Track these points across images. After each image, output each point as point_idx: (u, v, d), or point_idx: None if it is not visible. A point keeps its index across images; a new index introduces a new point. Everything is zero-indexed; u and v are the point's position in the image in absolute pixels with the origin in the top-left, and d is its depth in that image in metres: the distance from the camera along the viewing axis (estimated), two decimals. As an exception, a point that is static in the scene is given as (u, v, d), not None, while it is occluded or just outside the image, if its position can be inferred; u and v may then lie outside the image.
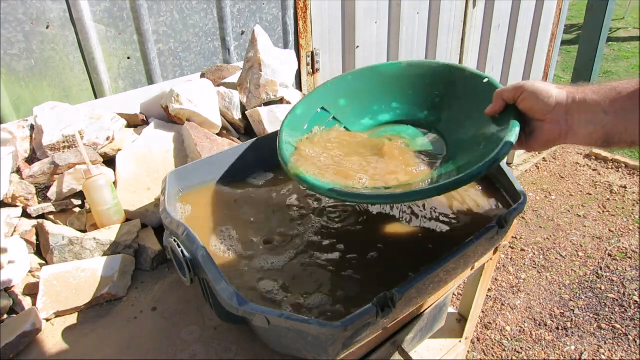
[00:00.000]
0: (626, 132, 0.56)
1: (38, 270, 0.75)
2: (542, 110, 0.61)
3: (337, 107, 0.82)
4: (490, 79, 0.73)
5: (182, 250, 0.58)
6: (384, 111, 0.82)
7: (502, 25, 2.53)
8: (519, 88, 0.63)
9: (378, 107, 0.82)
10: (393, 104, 0.82)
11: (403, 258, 0.68)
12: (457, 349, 1.14)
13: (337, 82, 0.83)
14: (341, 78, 0.84)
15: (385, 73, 0.82)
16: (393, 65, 0.82)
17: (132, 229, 0.81)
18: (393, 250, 0.70)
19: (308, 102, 0.81)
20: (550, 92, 0.61)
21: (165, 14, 1.28)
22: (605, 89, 0.58)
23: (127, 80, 1.28)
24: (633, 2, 5.82)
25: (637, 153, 3.05)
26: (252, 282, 0.64)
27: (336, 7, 1.72)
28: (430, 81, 0.79)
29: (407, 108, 0.81)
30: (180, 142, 1.01)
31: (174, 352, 0.64)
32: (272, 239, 0.72)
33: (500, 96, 0.66)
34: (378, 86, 0.82)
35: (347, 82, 0.83)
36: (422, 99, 0.80)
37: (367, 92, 0.83)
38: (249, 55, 1.12)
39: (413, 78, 0.81)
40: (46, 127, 0.89)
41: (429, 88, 0.80)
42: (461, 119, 0.75)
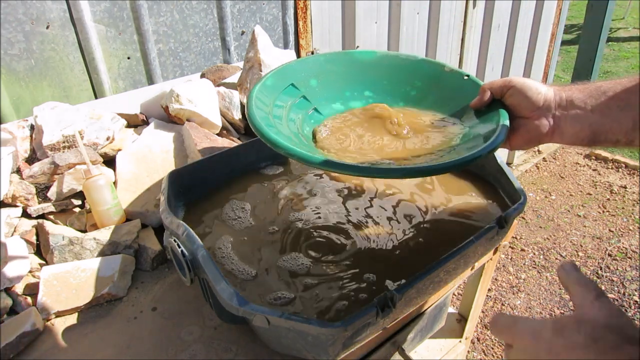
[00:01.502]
0: (611, 131, 0.56)
1: (38, 270, 0.75)
2: (529, 107, 0.60)
3: (307, 87, 0.79)
4: (470, 76, 0.73)
5: (182, 250, 0.58)
6: (355, 98, 0.81)
7: (502, 25, 2.53)
8: (507, 83, 0.63)
9: (350, 93, 0.81)
10: (366, 92, 0.81)
11: (403, 258, 0.68)
12: (457, 349, 1.14)
13: (309, 61, 0.81)
14: (313, 58, 0.82)
15: (359, 60, 0.81)
16: (368, 54, 0.82)
17: (132, 229, 0.81)
18: (393, 250, 0.70)
19: (279, 75, 0.78)
20: (538, 89, 0.60)
21: (165, 14, 1.28)
22: (591, 88, 0.58)
23: (127, 80, 1.28)
24: (633, 2, 5.82)
25: (637, 153, 3.05)
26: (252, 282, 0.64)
27: (336, 7, 1.72)
28: (407, 74, 0.79)
29: (380, 98, 0.79)
30: (180, 142, 1.01)
31: (174, 352, 0.64)
32: (273, 238, 0.72)
33: (486, 89, 0.66)
34: (351, 72, 0.81)
35: (319, 63, 0.81)
36: (397, 90, 0.80)
37: (340, 76, 0.81)
38: (249, 55, 1.12)
39: (389, 68, 0.80)
40: (46, 127, 0.89)
41: (404, 80, 0.79)
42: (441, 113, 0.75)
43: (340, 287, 0.63)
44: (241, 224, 0.76)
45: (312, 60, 0.81)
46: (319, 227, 0.75)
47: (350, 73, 0.81)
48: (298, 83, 0.78)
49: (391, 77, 0.80)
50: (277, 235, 0.73)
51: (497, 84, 0.64)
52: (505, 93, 0.63)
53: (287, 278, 0.65)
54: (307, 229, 0.74)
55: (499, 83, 0.64)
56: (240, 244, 0.71)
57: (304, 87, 0.79)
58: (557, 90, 0.60)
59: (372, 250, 0.69)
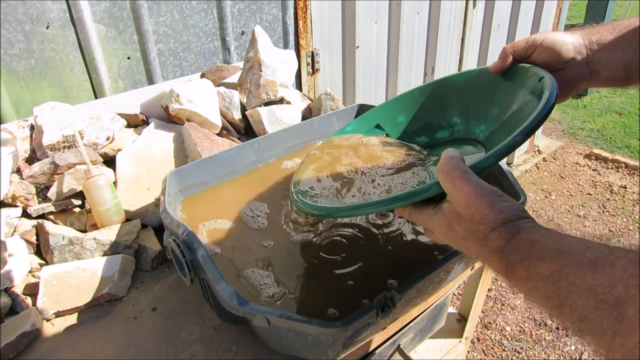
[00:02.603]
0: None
1: (38, 270, 0.75)
2: (561, 60, 0.58)
3: (393, 124, 0.77)
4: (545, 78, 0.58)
5: (182, 250, 0.58)
6: (443, 127, 0.74)
7: (502, 25, 2.53)
8: (532, 43, 0.60)
9: (437, 123, 0.75)
10: (454, 119, 0.73)
11: (403, 258, 0.68)
12: (457, 349, 1.14)
13: (401, 98, 0.78)
14: (407, 93, 0.78)
15: (453, 84, 0.73)
16: (462, 75, 0.72)
17: (132, 229, 0.81)
18: (393, 250, 0.70)
19: (365, 119, 0.79)
20: (565, 39, 0.58)
21: (165, 14, 1.28)
22: (620, 27, 0.57)
23: (127, 80, 1.28)
24: (633, 2, 5.83)
25: (637, 153, 3.05)
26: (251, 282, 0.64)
27: (336, 7, 1.72)
28: (494, 89, 0.67)
29: (466, 124, 0.72)
30: (180, 142, 1.01)
31: (174, 352, 0.64)
32: (274, 238, 0.72)
33: (509, 52, 0.62)
34: (442, 100, 0.74)
35: (411, 97, 0.77)
36: (482, 111, 0.69)
37: (430, 107, 0.76)
38: (249, 55, 1.12)
39: (480, 88, 0.69)
40: (46, 127, 0.89)
41: (491, 97, 0.67)
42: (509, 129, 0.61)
43: (340, 287, 0.63)
44: (241, 224, 0.76)
45: (404, 97, 0.78)
46: (319, 228, 0.75)
47: (441, 101, 0.75)
48: (384, 122, 0.78)
49: (480, 97, 0.69)
50: (277, 234, 0.73)
51: (520, 45, 0.61)
52: (532, 53, 0.60)
53: (287, 277, 0.65)
54: (307, 228, 0.74)
55: (521, 44, 0.61)
56: (240, 244, 0.71)
57: (390, 125, 0.78)
58: (584, 35, 0.58)
59: (373, 250, 0.69)
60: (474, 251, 0.44)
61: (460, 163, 0.45)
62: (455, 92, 0.73)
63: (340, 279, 0.64)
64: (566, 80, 0.59)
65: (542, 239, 0.38)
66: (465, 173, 0.44)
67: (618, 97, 4.01)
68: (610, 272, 0.32)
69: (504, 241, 0.40)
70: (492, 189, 0.43)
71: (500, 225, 0.41)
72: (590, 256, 0.34)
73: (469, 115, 0.71)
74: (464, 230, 0.44)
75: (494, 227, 0.41)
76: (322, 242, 0.71)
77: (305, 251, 0.70)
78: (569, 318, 0.34)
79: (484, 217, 0.42)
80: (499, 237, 0.41)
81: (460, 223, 0.44)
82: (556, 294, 0.35)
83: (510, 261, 0.39)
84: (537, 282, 0.37)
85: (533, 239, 0.39)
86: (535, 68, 0.59)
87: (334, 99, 1.12)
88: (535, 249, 0.38)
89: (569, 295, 0.34)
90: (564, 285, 0.35)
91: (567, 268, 0.35)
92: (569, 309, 0.34)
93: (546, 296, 0.36)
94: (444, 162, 0.46)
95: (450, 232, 0.45)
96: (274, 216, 0.77)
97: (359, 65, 1.90)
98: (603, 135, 3.36)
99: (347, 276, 0.65)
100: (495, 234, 0.41)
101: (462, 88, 0.72)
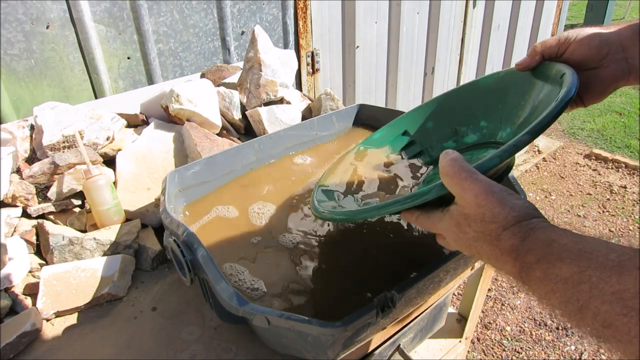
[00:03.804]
0: None
1: (38, 270, 0.75)
2: (597, 57, 0.55)
3: (421, 130, 0.76)
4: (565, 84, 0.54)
5: (182, 250, 0.58)
6: (471, 131, 0.73)
7: (502, 25, 2.53)
8: (564, 40, 0.57)
9: (466, 127, 0.73)
10: (482, 122, 0.71)
11: (403, 257, 0.68)
12: (457, 349, 1.14)
13: (430, 105, 0.77)
14: (436, 100, 0.77)
15: (481, 87, 0.71)
16: (490, 77, 0.70)
17: (132, 229, 0.81)
18: (393, 250, 0.70)
19: (393, 126, 0.78)
20: (600, 34, 0.55)
21: (165, 14, 1.28)
22: None
23: (127, 80, 1.28)
24: (633, 2, 5.83)
25: (637, 153, 3.05)
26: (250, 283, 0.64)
27: (336, 7, 1.72)
28: (521, 90, 0.65)
29: (493, 127, 0.69)
30: (180, 142, 1.01)
31: (174, 352, 0.64)
32: (274, 238, 0.72)
33: (539, 50, 0.59)
34: (471, 103, 0.72)
35: (440, 103, 0.76)
36: (508, 113, 0.66)
37: (459, 112, 0.74)
38: (249, 55, 1.12)
39: (506, 90, 0.67)
40: (46, 127, 0.89)
41: (517, 99, 0.65)
42: None
43: (339, 286, 0.63)
44: (242, 224, 0.76)
45: (433, 103, 0.77)
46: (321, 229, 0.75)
47: (470, 105, 0.73)
48: (412, 129, 0.77)
49: (507, 99, 0.67)
50: (277, 234, 0.73)
51: (551, 42, 0.59)
52: (564, 51, 0.58)
53: (287, 276, 0.65)
54: (307, 228, 0.74)
55: (552, 42, 0.58)
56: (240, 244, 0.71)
57: (418, 131, 0.77)
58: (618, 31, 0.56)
59: (373, 250, 0.69)
60: (485, 252, 0.41)
61: (464, 163, 0.44)
62: (483, 95, 0.71)
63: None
64: (603, 78, 0.56)
65: (560, 239, 0.36)
66: (472, 172, 0.42)
67: (618, 97, 4.01)
68: (638, 277, 0.30)
69: (517, 240, 0.38)
70: (501, 187, 0.42)
71: (514, 224, 0.39)
72: (615, 258, 0.32)
73: (495, 118, 0.69)
74: (474, 231, 0.42)
75: (507, 226, 0.39)
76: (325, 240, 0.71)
77: (292, 252, 0.70)
78: (591, 324, 0.32)
79: (495, 215, 0.40)
80: (512, 236, 0.38)
81: (470, 224, 0.42)
82: (576, 298, 0.33)
83: (525, 262, 0.37)
84: (555, 285, 0.35)
85: (550, 239, 0.36)
86: (561, 65, 0.55)
87: (334, 99, 1.12)
88: (553, 249, 0.36)
89: (591, 299, 0.32)
90: (585, 289, 0.32)
91: (589, 270, 0.33)
92: (591, 314, 0.32)
93: (565, 300, 0.34)
94: (447, 164, 0.44)
95: (460, 234, 0.44)
96: (274, 216, 0.77)
97: (359, 65, 1.90)
98: (603, 135, 3.37)
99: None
100: (508, 233, 0.39)
101: (489, 90, 0.70)
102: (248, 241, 0.72)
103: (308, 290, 0.63)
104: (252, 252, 0.70)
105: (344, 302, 0.60)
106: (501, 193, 0.41)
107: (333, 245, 0.71)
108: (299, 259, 0.68)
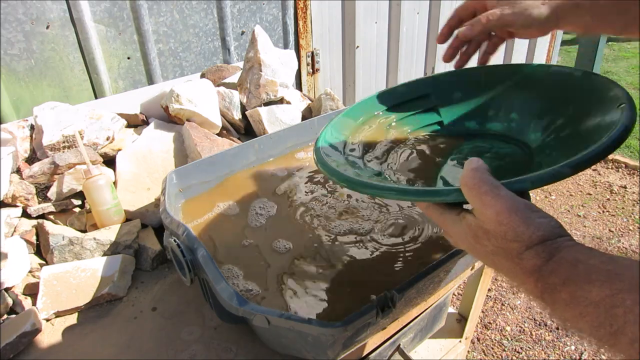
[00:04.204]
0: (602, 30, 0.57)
1: (38, 270, 0.75)
2: None
3: (447, 99, 0.69)
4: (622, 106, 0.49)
5: (182, 250, 0.59)
6: (498, 120, 0.67)
7: (502, 25, 2.52)
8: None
9: (494, 112, 0.67)
10: (513, 114, 0.65)
11: (403, 257, 0.68)
12: (457, 349, 1.14)
13: (467, 72, 0.71)
14: (474, 69, 0.70)
15: (525, 75, 0.66)
16: (539, 68, 0.65)
17: (132, 229, 0.81)
18: (394, 249, 0.70)
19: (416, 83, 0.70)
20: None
21: (165, 14, 1.28)
22: None
23: (127, 80, 1.28)
24: (633, 2, 5.82)
25: (637, 153, 3.05)
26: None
27: (336, 7, 1.72)
28: (567, 96, 0.59)
29: (523, 123, 0.64)
30: (180, 142, 1.01)
31: (174, 352, 0.64)
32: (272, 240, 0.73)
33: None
34: (508, 89, 0.67)
35: (477, 75, 0.70)
36: (545, 116, 0.61)
37: (492, 92, 0.68)
38: (249, 55, 1.12)
39: (551, 90, 0.62)
40: (46, 127, 0.89)
41: (559, 105, 0.59)
42: None
43: (339, 285, 0.63)
44: (242, 224, 0.76)
45: (471, 72, 0.70)
46: (320, 223, 0.75)
47: (506, 90, 0.67)
48: (438, 93, 0.70)
49: (548, 100, 0.62)
50: (277, 233, 0.73)
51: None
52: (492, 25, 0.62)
53: (286, 275, 0.65)
54: (307, 227, 0.74)
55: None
56: (240, 244, 0.71)
57: (443, 98, 0.70)
58: None
59: (373, 250, 0.69)
60: (504, 267, 0.40)
61: (487, 175, 0.41)
62: (525, 85, 0.65)
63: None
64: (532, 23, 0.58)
65: (588, 260, 0.34)
66: (494, 187, 0.40)
67: (618, 97, 4.00)
68: None
69: (541, 260, 0.36)
70: (526, 203, 0.39)
71: (538, 244, 0.37)
72: None
73: (529, 116, 0.63)
74: (493, 246, 0.40)
75: (530, 245, 0.37)
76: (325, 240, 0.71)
77: (283, 257, 0.70)
78: (626, 349, 0.31)
79: (518, 234, 0.38)
80: (535, 256, 0.37)
81: (489, 239, 0.40)
82: (609, 323, 0.31)
83: (549, 283, 0.36)
84: (584, 308, 0.33)
85: (577, 259, 0.35)
86: (619, 88, 0.52)
87: (334, 99, 1.12)
88: (580, 270, 0.34)
89: (627, 324, 0.30)
90: (619, 313, 0.31)
91: (622, 294, 0.31)
92: (626, 339, 0.30)
93: (597, 324, 0.32)
94: (469, 174, 0.41)
95: (477, 245, 0.42)
96: (273, 216, 0.77)
97: (359, 65, 1.90)
98: (603, 135, 3.36)
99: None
100: (531, 252, 0.37)
101: (533, 83, 0.64)
102: (247, 242, 0.72)
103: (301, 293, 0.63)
104: (249, 254, 0.70)
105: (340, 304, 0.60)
106: (525, 211, 0.38)
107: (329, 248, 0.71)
108: (296, 260, 0.68)
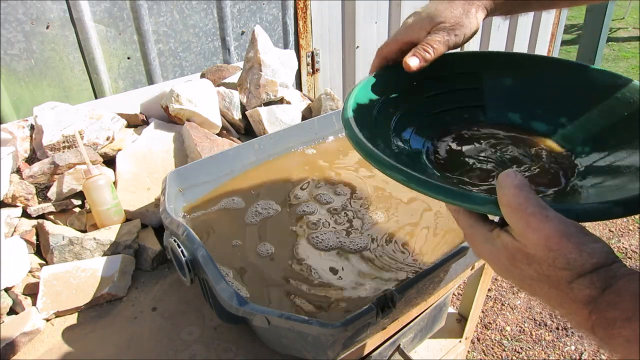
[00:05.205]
0: None
1: (38, 270, 0.75)
2: None
3: (496, 81, 0.63)
4: None
5: (182, 250, 0.59)
6: (544, 119, 0.60)
7: (502, 25, 2.53)
8: None
9: (542, 110, 0.61)
10: (562, 118, 0.59)
11: (403, 257, 0.68)
12: (457, 349, 1.14)
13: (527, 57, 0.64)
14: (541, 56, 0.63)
15: (590, 78, 0.58)
16: (606, 75, 0.57)
17: (132, 229, 0.81)
18: (394, 250, 0.70)
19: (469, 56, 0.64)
20: None
21: (165, 14, 1.28)
22: None
23: (127, 80, 1.28)
24: (633, 2, 5.82)
25: (637, 153, 3.05)
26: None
27: (336, 7, 1.72)
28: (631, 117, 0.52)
29: (572, 131, 0.58)
30: (180, 142, 1.01)
31: (174, 352, 0.64)
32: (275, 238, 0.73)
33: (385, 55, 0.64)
34: (566, 89, 0.60)
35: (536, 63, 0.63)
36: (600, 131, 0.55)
37: (547, 88, 0.61)
38: (249, 55, 1.12)
39: (614, 101, 0.55)
40: (46, 127, 0.89)
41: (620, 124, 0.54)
42: None
43: (340, 286, 0.63)
44: (242, 224, 0.76)
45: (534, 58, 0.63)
46: (320, 223, 0.75)
47: (563, 90, 0.60)
48: (488, 73, 0.63)
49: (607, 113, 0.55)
50: (276, 233, 0.73)
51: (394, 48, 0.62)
52: None
53: (286, 275, 0.65)
54: (307, 227, 0.74)
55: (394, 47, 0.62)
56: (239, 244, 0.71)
57: (492, 81, 0.63)
58: None
59: (373, 251, 0.70)
60: (547, 295, 0.36)
61: (533, 195, 0.36)
62: (584, 88, 0.58)
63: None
64: None
65: None
66: (542, 208, 0.35)
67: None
68: None
69: (596, 291, 0.32)
70: (577, 226, 0.35)
71: (591, 272, 0.33)
72: None
73: (582, 124, 0.57)
74: (535, 272, 0.36)
75: (582, 273, 0.33)
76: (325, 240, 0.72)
77: (276, 263, 0.70)
78: None
79: (569, 262, 0.34)
80: (590, 285, 0.33)
81: (530, 264, 0.36)
82: None
83: (606, 317, 0.32)
84: None
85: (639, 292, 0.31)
86: None
87: (334, 99, 1.12)
88: None
89: None
90: None
91: None
92: None
93: None
94: (511, 192, 0.36)
95: (513, 269, 0.38)
96: (274, 216, 0.77)
97: (359, 65, 1.90)
98: (603, 135, 3.36)
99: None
100: (584, 281, 0.33)
101: (593, 88, 0.58)
102: (245, 242, 0.72)
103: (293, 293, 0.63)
104: (248, 255, 0.70)
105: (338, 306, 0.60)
106: (578, 236, 0.34)
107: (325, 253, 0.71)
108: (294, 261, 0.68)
